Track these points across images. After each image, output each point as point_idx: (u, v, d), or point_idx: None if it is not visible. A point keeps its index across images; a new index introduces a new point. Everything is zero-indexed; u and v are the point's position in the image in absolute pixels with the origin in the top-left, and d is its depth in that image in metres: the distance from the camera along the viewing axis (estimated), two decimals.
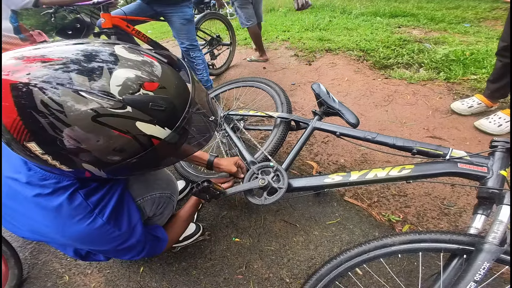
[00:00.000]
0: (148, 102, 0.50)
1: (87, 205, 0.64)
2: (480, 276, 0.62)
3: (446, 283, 0.71)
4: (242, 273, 1.09)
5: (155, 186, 0.86)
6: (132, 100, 0.49)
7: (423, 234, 0.77)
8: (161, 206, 0.89)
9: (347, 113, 1.14)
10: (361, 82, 2.21)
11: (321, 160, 1.54)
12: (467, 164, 0.84)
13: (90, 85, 0.46)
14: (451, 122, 1.62)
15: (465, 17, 3.36)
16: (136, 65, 0.51)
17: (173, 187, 0.95)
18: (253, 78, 1.60)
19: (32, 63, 0.44)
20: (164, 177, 0.91)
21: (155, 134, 0.53)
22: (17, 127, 0.44)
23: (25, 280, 1.18)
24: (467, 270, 0.64)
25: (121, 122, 0.48)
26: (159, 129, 0.53)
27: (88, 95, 0.45)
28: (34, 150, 0.47)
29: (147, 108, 0.50)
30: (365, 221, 1.19)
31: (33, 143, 0.46)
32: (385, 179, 0.91)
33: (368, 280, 1.00)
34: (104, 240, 0.69)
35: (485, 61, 2.06)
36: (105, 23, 1.71)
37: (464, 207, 1.18)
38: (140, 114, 0.49)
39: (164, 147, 0.55)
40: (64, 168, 0.52)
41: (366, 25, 3.51)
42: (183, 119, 0.55)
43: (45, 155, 0.48)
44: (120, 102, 0.47)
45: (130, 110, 0.48)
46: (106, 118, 0.47)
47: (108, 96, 0.46)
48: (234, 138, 1.29)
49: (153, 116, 0.51)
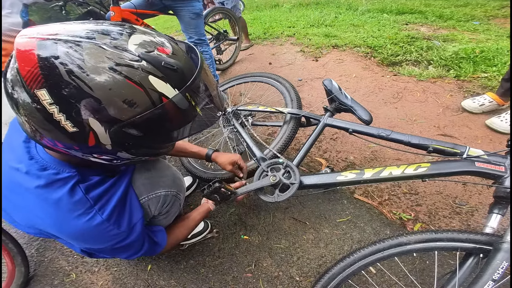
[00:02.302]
0: (162, 60, 0.54)
1: (87, 200, 0.63)
2: (498, 275, 0.62)
3: (461, 282, 0.71)
4: (251, 271, 1.08)
5: (160, 184, 0.83)
6: (147, 55, 0.52)
7: (440, 233, 0.76)
8: (167, 205, 0.86)
9: (359, 109, 1.12)
10: (370, 78, 2.18)
11: (330, 157, 1.52)
12: (484, 163, 0.82)
13: (110, 41, 0.50)
14: (462, 120, 1.60)
15: (474, 15, 3.30)
16: (152, 35, 0.57)
17: (180, 185, 0.92)
18: (261, 74, 1.58)
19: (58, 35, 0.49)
20: (170, 174, 0.88)
21: (165, 92, 0.54)
22: (32, 73, 0.46)
23: (32, 278, 1.18)
24: (485, 269, 0.64)
25: (135, 73, 0.51)
26: (169, 87, 0.55)
27: (108, 48, 0.49)
28: (43, 99, 0.47)
29: (160, 65, 0.53)
30: (376, 219, 1.18)
31: (43, 90, 0.47)
32: (400, 177, 0.89)
33: (380, 278, 0.99)
34: (102, 238, 0.68)
35: (496, 59, 2.03)
36: (114, 16, 1.70)
37: (476, 206, 1.16)
38: (153, 69, 0.52)
39: (171, 109, 0.56)
40: (68, 127, 0.50)
41: (373, 21, 3.47)
42: (191, 82, 0.58)
43: (53, 106, 0.48)
44: (136, 56, 0.51)
45: (144, 64, 0.52)
46: (122, 68, 0.50)
47: (126, 51, 0.51)
48: (243, 134, 1.28)
49: (165, 74, 0.54)
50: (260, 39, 3.57)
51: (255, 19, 4.72)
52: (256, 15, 5.04)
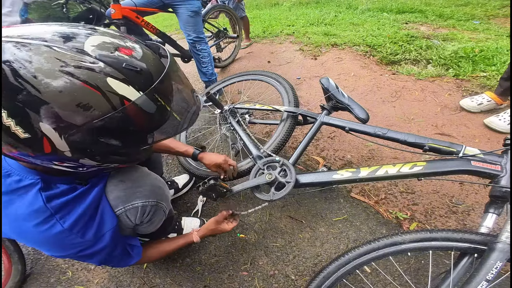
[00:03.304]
0: (123, 62, 0.50)
1: (46, 209, 0.61)
2: (492, 275, 0.62)
3: (456, 282, 0.71)
4: (247, 270, 1.08)
5: (137, 195, 0.78)
6: (106, 56, 0.49)
7: (434, 232, 0.76)
8: (147, 214, 0.82)
9: (356, 108, 1.12)
10: (368, 77, 2.18)
11: (327, 156, 1.52)
12: (481, 162, 0.82)
13: (64, 43, 0.47)
14: (460, 119, 1.60)
15: (474, 14, 3.30)
16: (114, 36, 0.53)
17: (160, 194, 0.85)
18: (259, 72, 1.57)
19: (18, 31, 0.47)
20: (148, 184, 0.82)
21: (127, 95, 0.50)
22: None
23: (28, 276, 1.18)
24: (479, 269, 0.64)
25: (90, 75, 0.47)
26: (131, 90, 0.51)
27: (60, 50, 0.46)
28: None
29: (120, 66, 0.50)
30: (372, 218, 1.18)
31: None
32: (396, 176, 0.89)
33: (375, 278, 0.99)
34: (64, 246, 0.66)
35: (495, 58, 2.02)
36: (115, 13, 1.71)
37: (473, 205, 1.16)
38: (113, 71, 0.49)
39: (136, 112, 0.52)
40: (19, 132, 0.47)
41: (373, 20, 3.46)
42: (158, 83, 0.54)
43: (2, 111, 0.45)
44: (92, 58, 0.48)
45: (101, 65, 0.48)
46: (74, 69, 0.46)
47: (81, 53, 0.47)
48: (240, 132, 1.27)
49: (127, 76, 0.50)
50: (259, 37, 3.57)
51: (255, 17, 4.72)
52: (256, 14, 5.04)
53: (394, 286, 0.94)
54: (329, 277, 0.80)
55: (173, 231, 1.16)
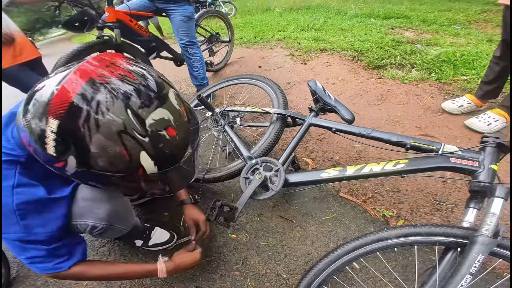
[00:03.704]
0: (162, 143, 0.59)
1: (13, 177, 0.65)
2: (475, 268, 0.63)
3: (442, 277, 0.72)
4: (239, 270, 1.09)
5: (91, 215, 0.78)
6: (155, 134, 0.58)
7: (418, 227, 0.78)
8: (97, 231, 0.81)
9: (342, 109, 1.16)
10: (355, 81, 2.24)
11: (316, 157, 1.55)
12: (459, 158, 0.86)
13: (139, 105, 0.55)
14: (442, 121, 1.66)
15: (456, 19, 3.44)
16: (173, 113, 0.62)
17: (116, 218, 0.84)
18: (249, 76, 1.61)
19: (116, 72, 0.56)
20: (106, 208, 0.80)
21: (145, 166, 0.59)
22: (60, 105, 0.51)
23: (14, 279, 1.15)
24: (462, 262, 0.65)
25: (133, 145, 0.56)
26: (151, 164, 0.60)
27: (130, 114, 0.54)
28: (50, 127, 0.52)
29: (157, 146, 0.59)
30: (361, 216, 1.21)
31: (56, 121, 0.52)
32: (380, 174, 0.93)
33: (365, 275, 1.00)
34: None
35: (475, 63, 2.12)
36: (109, 17, 1.73)
37: (456, 202, 1.20)
38: (150, 148, 0.58)
39: (142, 180, 0.63)
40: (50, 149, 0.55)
41: (360, 26, 3.56)
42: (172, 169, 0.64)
43: (52, 135, 0.53)
44: (145, 131, 0.56)
45: (146, 141, 0.57)
46: (126, 137, 0.55)
47: (141, 123, 0.56)
48: (231, 134, 1.30)
49: (156, 155, 0.59)
50: (250, 42, 3.62)
51: (246, 23, 4.78)
52: (247, 19, 5.11)
53: (383, 283, 0.96)
54: (319, 274, 0.81)
55: (139, 238, 1.14)
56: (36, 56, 2.04)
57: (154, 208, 1.40)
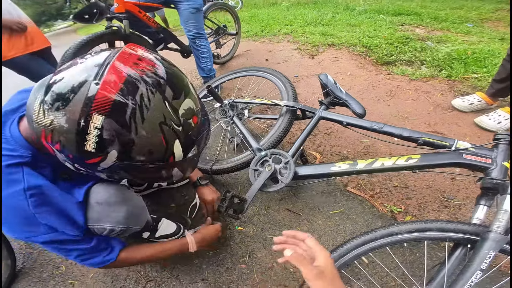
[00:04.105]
0: (190, 130, 0.63)
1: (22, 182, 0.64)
2: (486, 264, 0.63)
3: (450, 273, 0.72)
4: (246, 262, 1.09)
5: (108, 218, 0.79)
6: (186, 123, 0.61)
7: (429, 223, 0.77)
8: (115, 233, 0.82)
9: (353, 103, 1.15)
10: (364, 77, 2.22)
11: (324, 151, 1.55)
12: (472, 155, 0.85)
13: (172, 96, 0.58)
14: (451, 118, 1.64)
15: (468, 17, 3.37)
16: (195, 101, 0.66)
17: (133, 220, 0.86)
18: (257, 68, 1.60)
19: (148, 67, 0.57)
20: (123, 211, 0.82)
21: (176, 153, 0.62)
22: (105, 101, 0.51)
23: (20, 271, 1.17)
24: (473, 259, 0.65)
25: (170, 134, 0.59)
26: (180, 151, 0.63)
27: (167, 104, 0.57)
28: (94, 123, 0.51)
29: (187, 133, 0.63)
30: (368, 211, 1.21)
31: (101, 117, 0.51)
32: (392, 168, 0.92)
33: (371, 270, 1.00)
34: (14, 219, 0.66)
35: (487, 61, 2.08)
36: (118, 7, 1.72)
37: (464, 200, 1.19)
38: (183, 136, 0.61)
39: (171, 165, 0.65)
40: (89, 147, 0.53)
41: (369, 22, 3.51)
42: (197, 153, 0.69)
43: (95, 131, 0.52)
44: (179, 121, 0.59)
45: (180, 129, 0.60)
46: (166, 128, 0.57)
47: (176, 113, 0.59)
48: (239, 125, 1.29)
49: (186, 141, 0.63)
50: (257, 36, 3.59)
51: (253, 16, 4.74)
52: (254, 13, 5.06)
53: (390, 278, 0.96)
54: None
55: (147, 229, 1.14)
56: (47, 45, 2.06)
57: (160, 200, 1.40)
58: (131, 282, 1.08)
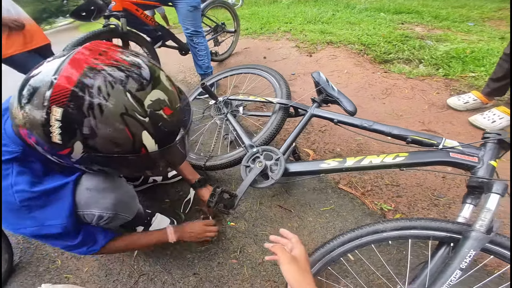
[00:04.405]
0: (160, 122, 0.63)
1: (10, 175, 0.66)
2: (466, 264, 0.62)
3: (433, 272, 0.71)
4: (236, 258, 1.10)
5: (97, 205, 0.79)
6: (153, 114, 0.61)
7: (413, 220, 0.78)
8: (104, 221, 0.83)
9: (345, 101, 1.15)
10: (361, 75, 2.22)
11: (318, 148, 1.56)
12: (459, 153, 0.85)
13: (136, 88, 0.59)
14: (446, 117, 1.64)
15: (470, 16, 3.34)
16: (167, 93, 0.66)
17: (121, 207, 0.86)
18: (253, 66, 1.60)
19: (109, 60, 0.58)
20: (111, 197, 0.82)
21: (147, 145, 0.63)
22: (63, 94, 0.53)
23: (17, 265, 1.19)
24: (453, 257, 0.65)
25: (135, 126, 0.59)
26: (152, 143, 0.64)
27: (130, 97, 0.58)
28: (54, 115, 0.54)
29: (157, 124, 0.62)
30: (358, 209, 1.22)
31: (60, 109, 0.54)
32: (380, 166, 0.93)
33: (359, 267, 1.01)
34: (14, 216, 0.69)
35: (485, 60, 2.07)
36: (115, 6, 1.74)
37: (454, 198, 1.20)
38: (151, 127, 0.62)
39: (144, 157, 0.65)
40: (55, 137, 0.56)
41: (369, 20, 3.49)
42: (171, 146, 0.68)
43: (56, 123, 0.54)
44: (145, 112, 0.60)
45: (147, 120, 0.60)
46: (128, 118, 0.58)
47: (140, 105, 0.59)
48: (233, 122, 1.30)
49: (156, 133, 0.63)
50: (256, 33, 3.59)
51: (253, 14, 4.73)
52: (254, 10, 5.05)
53: (377, 276, 0.97)
54: (314, 264, 0.83)
55: (141, 224, 1.17)
56: (46, 42, 2.08)
57: (155, 195, 1.42)
58: (125, 276, 1.10)
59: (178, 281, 1.06)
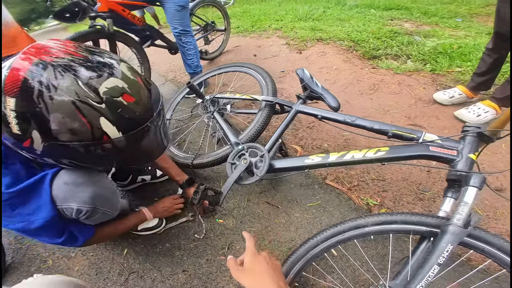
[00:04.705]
0: (119, 107, 0.63)
1: None
2: (443, 259, 0.62)
3: (415, 267, 0.70)
4: (225, 254, 1.11)
5: (75, 198, 0.79)
6: (110, 100, 0.61)
7: (394, 215, 0.77)
8: (83, 215, 0.82)
9: (328, 97, 1.16)
10: (349, 71, 2.23)
11: (305, 145, 1.57)
12: (438, 147, 0.86)
13: (89, 77, 0.59)
14: (432, 111, 1.66)
15: (458, 12, 3.38)
16: (127, 81, 0.65)
17: (100, 201, 0.85)
18: (240, 64, 1.61)
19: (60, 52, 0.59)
20: (89, 191, 0.81)
21: (108, 132, 0.63)
22: (14, 84, 0.55)
23: (9, 266, 1.18)
24: (432, 252, 0.64)
25: (90, 112, 0.59)
26: (114, 130, 0.63)
27: (82, 84, 0.58)
28: (8, 105, 0.56)
29: (115, 111, 0.62)
30: (345, 204, 1.23)
31: (12, 99, 0.55)
32: (362, 161, 0.94)
33: (345, 263, 1.02)
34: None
35: (471, 55, 2.10)
36: (101, 6, 1.71)
37: (438, 192, 1.21)
38: (108, 113, 0.61)
39: (108, 146, 0.65)
40: (14, 129, 0.58)
41: (359, 16, 3.51)
42: (136, 132, 0.67)
43: (12, 113, 0.56)
44: (100, 99, 0.60)
45: (103, 106, 0.60)
46: (82, 105, 0.58)
47: (94, 91, 0.59)
48: (219, 120, 1.31)
49: (117, 119, 0.63)
50: (247, 31, 3.58)
51: (244, 12, 4.72)
52: (246, 8, 5.04)
53: (362, 272, 0.98)
54: (298, 260, 0.83)
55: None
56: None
57: (144, 194, 1.42)
58: (115, 274, 1.10)
59: (168, 278, 1.06)
